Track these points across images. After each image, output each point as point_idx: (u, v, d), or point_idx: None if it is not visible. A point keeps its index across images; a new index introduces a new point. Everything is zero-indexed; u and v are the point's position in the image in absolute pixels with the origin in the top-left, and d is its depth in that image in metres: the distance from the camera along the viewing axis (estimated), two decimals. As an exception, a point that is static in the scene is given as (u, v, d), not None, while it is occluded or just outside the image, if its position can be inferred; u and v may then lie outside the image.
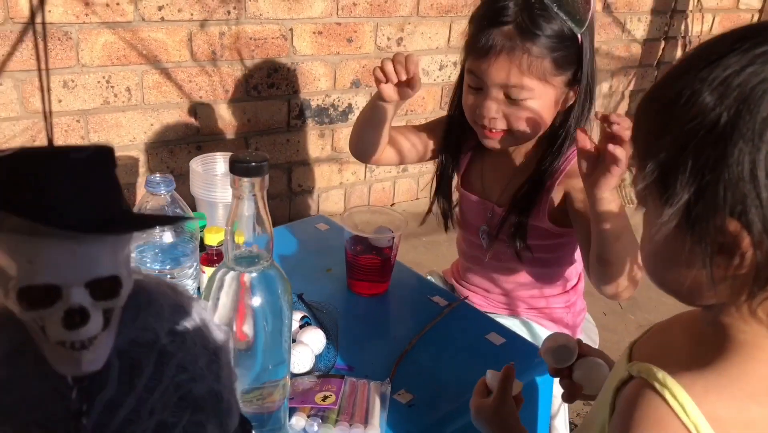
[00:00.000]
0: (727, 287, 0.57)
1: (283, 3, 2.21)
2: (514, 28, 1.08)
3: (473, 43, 1.13)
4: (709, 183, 0.54)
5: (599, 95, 3.29)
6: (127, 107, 2.08)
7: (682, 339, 0.65)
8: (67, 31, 1.90)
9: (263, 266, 0.77)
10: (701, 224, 0.55)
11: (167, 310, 0.50)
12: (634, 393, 0.58)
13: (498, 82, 1.11)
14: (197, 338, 0.51)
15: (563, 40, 1.10)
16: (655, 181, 0.58)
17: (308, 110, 2.43)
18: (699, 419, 0.54)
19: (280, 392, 0.82)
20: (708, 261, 0.56)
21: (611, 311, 2.35)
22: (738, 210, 0.53)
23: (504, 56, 1.09)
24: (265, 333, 0.77)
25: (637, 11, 3.19)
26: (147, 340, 0.48)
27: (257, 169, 0.72)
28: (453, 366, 1.05)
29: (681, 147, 0.55)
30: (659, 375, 0.57)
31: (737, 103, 0.52)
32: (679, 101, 0.56)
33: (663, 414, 0.55)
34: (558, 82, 1.13)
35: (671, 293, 0.63)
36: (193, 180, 1.58)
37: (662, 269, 0.63)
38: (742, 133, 0.52)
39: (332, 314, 1.10)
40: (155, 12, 2.02)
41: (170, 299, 0.52)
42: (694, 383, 0.56)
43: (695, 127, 0.54)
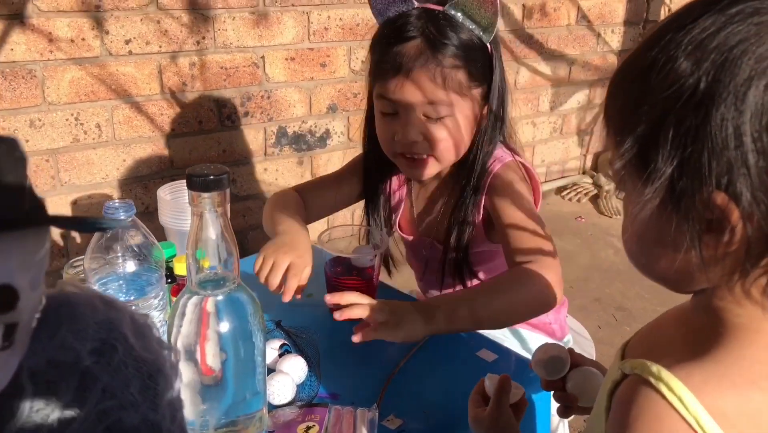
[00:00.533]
0: (717, 267, 0.53)
1: (253, 30, 2.19)
2: (423, 41, 1.04)
3: (380, 67, 1.08)
4: (691, 154, 0.50)
5: (577, 107, 3.28)
6: (98, 144, 2.03)
7: (675, 332, 0.61)
8: (32, 69, 1.86)
9: (229, 288, 0.71)
10: (686, 200, 0.51)
11: (93, 326, 0.45)
12: (629, 391, 0.54)
13: (414, 101, 1.06)
14: (129, 359, 0.45)
15: (474, 50, 1.06)
16: (635, 157, 0.54)
17: (285, 138, 2.39)
18: (699, 411, 0.50)
19: (257, 425, 0.76)
20: (696, 240, 0.52)
21: (606, 324, 2.30)
22: (724, 181, 0.49)
23: (417, 72, 1.04)
24: (235, 361, 0.71)
25: (610, 23, 3.20)
26: (66, 360, 0.42)
27: (217, 183, 0.67)
28: (444, 387, 0.99)
29: (660, 118, 0.51)
30: (653, 369, 0.53)
31: (715, 67, 0.49)
32: (654, 69, 0.52)
33: (660, 409, 0.51)
34: (475, 96, 1.09)
35: (659, 280, 0.59)
36: (162, 209, 1.53)
37: (648, 255, 0.58)
38: (722, 97, 0.48)
39: (312, 340, 1.04)
40: (122, 46, 1.98)
41: (99, 314, 0.46)
42: (691, 374, 0.52)
43: (673, 96, 0.50)
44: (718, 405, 0.51)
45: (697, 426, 0.50)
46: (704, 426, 0.50)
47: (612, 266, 2.65)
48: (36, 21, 1.83)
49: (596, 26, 3.15)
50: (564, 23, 3.02)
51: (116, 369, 0.44)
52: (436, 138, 1.09)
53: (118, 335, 0.46)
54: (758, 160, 0.48)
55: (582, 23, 3.09)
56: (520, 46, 2.92)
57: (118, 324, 0.46)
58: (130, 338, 0.46)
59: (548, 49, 3.02)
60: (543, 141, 3.24)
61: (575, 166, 3.48)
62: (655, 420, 0.52)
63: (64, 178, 2.00)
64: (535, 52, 2.99)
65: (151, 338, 0.48)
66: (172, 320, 0.71)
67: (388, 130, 1.12)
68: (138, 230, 0.87)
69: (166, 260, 1.03)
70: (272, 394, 0.91)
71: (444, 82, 1.05)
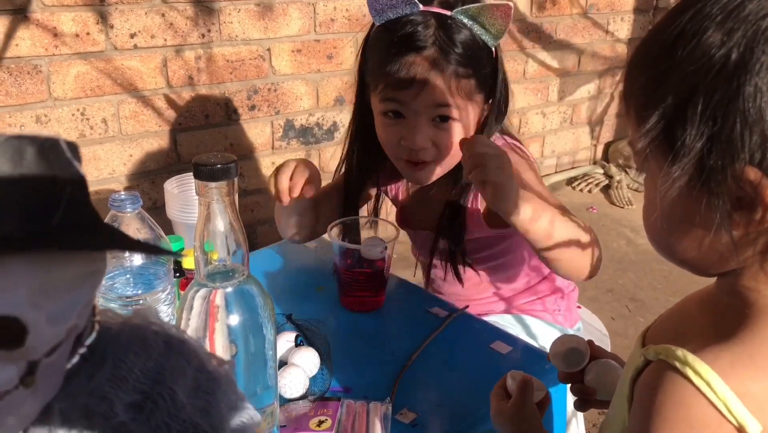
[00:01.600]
0: (749, 246, 0.51)
1: (258, 23, 2.17)
2: (437, 51, 1.02)
3: (385, 74, 1.04)
4: (722, 128, 0.48)
5: (587, 97, 3.25)
6: (105, 139, 2.02)
7: (699, 316, 0.59)
8: (37, 65, 1.85)
9: (239, 280, 0.69)
10: (717, 176, 0.49)
11: (136, 375, 0.38)
12: (654, 376, 0.52)
13: (426, 108, 1.05)
14: (174, 421, 0.38)
15: (482, 55, 1.05)
16: (660, 135, 0.52)
17: (292, 131, 2.37)
18: (728, 396, 0.48)
19: (268, 420, 0.74)
20: (727, 218, 0.50)
21: (619, 315, 2.28)
22: (758, 156, 0.47)
23: (432, 82, 1.03)
24: (246, 354, 0.70)
25: (620, 11, 3.16)
26: (100, 411, 0.37)
27: (224, 172, 0.65)
28: (457, 380, 0.97)
29: (688, 92, 0.49)
30: (679, 353, 0.51)
31: (747, 37, 0.47)
32: (681, 42, 0.50)
33: (687, 394, 0.49)
34: (479, 99, 1.09)
35: (683, 263, 0.57)
36: (169, 202, 1.51)
37: (675, 237, 0.56)
38: (756, 68, 0.46)
39: (322, 332, 1.02)
40: (127, 40, 1.96)
41: (151, 359, 0.39)
42: (718, 358, 0.50)
43: (702, 69, 0.48)
44: (747, 388, 0.49)
45: (726, 411, 0.49)
46: (733, 410, 0.48)
47: (624, 256, 2.62)
48: (40, 16, 1.81)
49: (605, 15, 3.11)
50: (572, 12, 2.99)
51: (155, 430, 0.38)
52: (444, 143, 1.08)
53: (164, 390, 0.39)
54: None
55: (591, 12, 3.05)
56: (528, 36, 2.89)
57: (172, 375, 0.40)
58: (181, 395, 0.39)
59: (557, 38, 2.99)
60: (553, 131, 3.21)
61: (586, 156, 3.44)
62: (683, 406, 0.50)
63: (71, 174, 1.99)
64: (544, 42, 2.95)
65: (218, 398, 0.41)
66: (180, 313, 0.70)
67: (393, 133, 1.10)
68: (145, 222, 0.85)
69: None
70: (284, 387, 0.89)
71: (457, 89, 1.04)
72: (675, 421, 0.50)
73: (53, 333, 0.34)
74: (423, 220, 1.25)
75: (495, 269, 1.25)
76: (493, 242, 1.21)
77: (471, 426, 0.88)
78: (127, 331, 0.40)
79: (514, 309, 1.30)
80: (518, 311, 1.30)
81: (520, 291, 1.29)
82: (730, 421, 0.49)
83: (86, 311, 0.38)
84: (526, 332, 1.26)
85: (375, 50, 1.10)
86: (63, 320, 0.34)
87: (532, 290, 1.29)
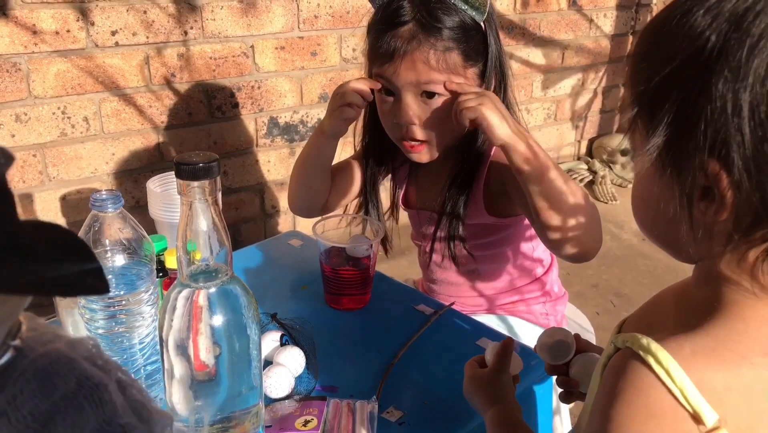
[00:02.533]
0: (711, 238, 0.52)
1: (241, 20, 2.15)
2: (415, 25, 1.04)
3: (376, 50, 1.09)
4: (689, 118, 0.49)
5: (571, 93, 3.26)
6: (86, 138, 1.99)
7: (672, 306, 0.61)
8: (16, 62, 1.82)
9: (222, 280, 0.69)
10: (680, 164, 0.51)
11: (27, 413, 0.36)
12: (619, 363, 0.54)
13: (409, 84, 1.07)
14: None
15: (467, 30, 1.06)
16: (642, 108, 0.54)
17: (276, 128, 2.36)
18: (685, 384, 0.50)
19: (253, 420, 0.73)
20: (687, 205, 0.51)
21: (604, 310, 2.29)
22: (719, 148, 0.48)
23: (410, 56, 1.05)
24: (230, 355, 0.69)
25: (603, 7, 3.17)
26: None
27: (206, 171, 0.64)
28: (444, 377, 0.97)
29: (669, 73, 0.51)
30: (643, 342, 0.52)
31: (727, 26, 0.48)
32: (671, 21, 0.51)
33: (647, 381, 0.51)
34: (471, 75, 1.09)
35: (661, 244, 0.59)
36: (152, 201, 1.49)
37: (651, 217, 0.58)
38: (728, 61, 0.47)
39: (307, 331, 1.02)
40: (109, 37, 1.94)
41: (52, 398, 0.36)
42: (681, 347, 0.51)
43: (684, 51, 0.50)
44: (707, 379, 0.50)
45: (683, 398, 0.50)
46: (690, 399, 0.50)
47: (609, 251, 2.63)
48: (19, 13, 1.79)
49: (588, 10, 3.12)
50: (556, 8, 2.99)
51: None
52: (432, 119, 1.09)
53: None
54: (754, 130, 0.47)
55: (574, 8, 3.06)
56: (512, 32, 2.89)
57: (64, 421, 0.37)
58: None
59: (541, 34, 2.99)
60: (537, 127, 3.22)
61: (570, 152, 3.45)
62: (642, 392, 0.51)
63: (52, 173, 1.97)
64: (528, 38, 2.96)
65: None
66: (163, 314, 0.69)
67: (387, 112, 1.13)
68: (127, 222, 0.84)
69: (157, 253, 1.01)
70: (269, 387, 0.89)
71: (438, 64, 1.05)
72: (634, 406, 0.52)
73: None
74: (427, 199, 1.26)
75: (488, 259, 1.25)
76: (490, 231, 1.21)
77: (458, 424, 0.88)
78: (38, 364, 0.37)
79: (498, 308, 1.30)
80: (503, 311, 1.30)
81: (506, 290, 1.30)
82: (686, 408, 0.50)
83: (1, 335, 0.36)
84: (510, 332, 1.26)
85: (369, 31, 1.12)
86: None
87: (518, 291, 1.30)
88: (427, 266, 1.32)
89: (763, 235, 0.50)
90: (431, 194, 1.24)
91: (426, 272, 1.35)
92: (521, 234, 1.25)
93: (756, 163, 0.48)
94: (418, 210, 1.29)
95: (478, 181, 1.15)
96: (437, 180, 1.22)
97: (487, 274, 1.28)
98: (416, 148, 1.12)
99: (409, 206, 1.32)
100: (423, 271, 1.38)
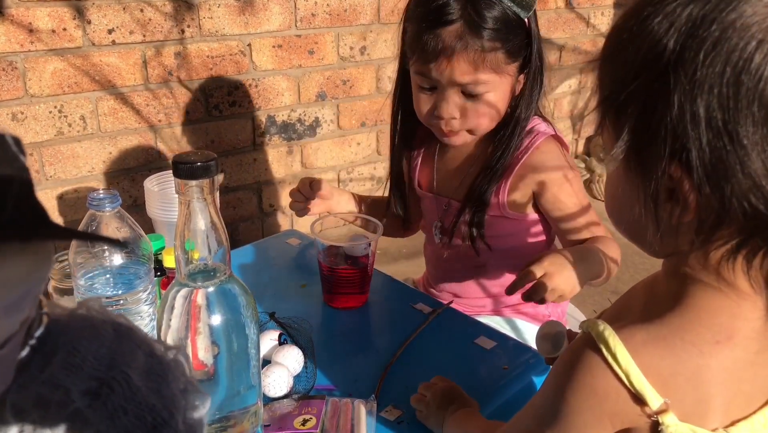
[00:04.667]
0: (674, 236, 0.55)
1: (238, 18, 2.14)
2: (464, 24, 1.04)
3: (418, 46, 1.08)
4: (650, 123, 0.51)
5: (568, 92, 3.26)
6: (83, 136, 1.99)
7: (641, 297, 0.64)
8: (12, 61, 1.81)
9: (220, 279, 0.68)
10: (645, 166, 0.53)
11: (90, 361, 0.39)
12: (576, 345, 0.59)
13: (454, 81, 1.07)
14: (130, 404, 0.39)
15: (512, 28, 1.06)
16: (608, 112, 0.55)
17: (273, 127, 2.35)
18: (630, 368, 0.53)
19: (252, 420, 0.73)
20: (652, 205, 0.53)
21: (602, 308, 2.28)
22: (679, 152, 0.50)
23: (458, 55, 1.05)
24: (228, 354, 0.69)
25: (600, 5, 3.17)
26: (55, 399, 0.37)
27: (204, 170, 0.64)
28: (443, 375, 0.96)
29: (629, 80, 0.52)
30: (600, 327, 0.56)
31: (684, 33, 0.49)
32: (632, 27, 0.52)
33: (595, 362, 0.55)
34: (512, 71, 1.10)
35: (630, 239, 0.61)
36: (149, 200, 1.49)
37: (620, 214, 0.60)
38: (684, 69, 0.48)
39: (305, 330, 1.02)
40: (105, 36, 1.94)
41: (103, 347, 0.40)
42: (633, 335, 0.55)
43: (642, 58, 0.51)
44: (654, 364, 0.54)
45: (627, 381, 0.53)
46: (634, 382, 0.53)
47: (606, 250, 2.63)
48: (15, 11, 1.78)
49: (586, 9, 3.12)
50: (553, 6, 2.99)
51: (112, 415, 0.38)
52: (473, 113, 1.10)
53: (119, 374, 0.39)
54: (711, 136, 0.48)
55: (571, 6, 3.06)
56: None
57: (124, 360, 0.40)
58: (135, 379, 0.40)
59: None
60: (534, 126, 3.21)
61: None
62: (589, 372, 0.55)
63: (49, 172, 1.96)
64: (525, 36, 2.95)
65: (170, 381, 0.42)
66: (161, 313, 0.69)
67: (426, 103, 1.13)
68: (124, 221, 0.84)
69: (155, 253, 1.00)
70: (268, 386, 0.89)
71: (483, 64, 1.05)
72: (580, 383, 0.56)
73: (7, 325, 0.35)
74: (446, 185, 1.25)
75: (499, 254, 1.24)
76: (507, 225, 1.20)
77: (456, 422, 0.88)
78: (76, 321, 0.41)
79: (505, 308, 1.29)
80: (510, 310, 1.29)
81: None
82: (630, 390, 0.54)
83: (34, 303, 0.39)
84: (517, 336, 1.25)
85: (411, 22, 1.12)
86: (17, 311, 0.35)
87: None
88: (436, 256, 1.31)
89: (726, 235, 0.52)
90: (450, 179, 1.23)
91: (432, 264, 1.34)
92: (530, 230, 1.25)
93: (714, 168, 0.49)
94: (436, 195, 1.27)
95: (507, 175, 1.15)
96: (456, 165, 1.21)
97: (494, 270, 1.26)
98: (453, 134, 1.13)
99: (427, 190, 1.30)
100: (428, 264, 1.36)
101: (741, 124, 0.47)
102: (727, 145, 0.48)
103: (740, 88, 0.47)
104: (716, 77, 0.47)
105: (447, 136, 1.14)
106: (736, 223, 0.51)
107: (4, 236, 0.32)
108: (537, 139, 1.15)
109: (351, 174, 2.62)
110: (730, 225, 0.51)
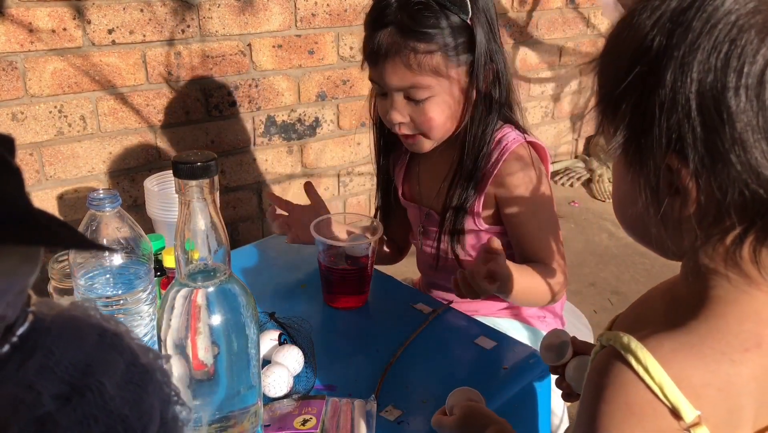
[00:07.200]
0: (680, 231, 0.54)
1: (238, 18, 2.14)
2: (395, 28, 1.04)
3: (365, 51, 1.10)
4: (645, 116, 0.51)
5: (568, 92, 3.26)
6: (83, 136, 1.99)
7: (659, 304, 0.62)
8: (12, 61, 1.81)
9: (220, 279, 0.68)
10: (643, 160, 0.52)
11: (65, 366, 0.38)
12: (602, 361, 0.55)
13: (394, 86, 1.08)
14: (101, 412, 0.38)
15: (453, 30, 1.05)
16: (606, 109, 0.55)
17: (274, 127, 2.35)
18: (664, 380, 0.51)
19: (252, 420, 0.73)
20: (653, 200, 0.53)
21: (601, 308, 2.29)
22: (675, 144, 0.50)
23: (392, 59, 1.05)
24: (228, 354, 0.69)
25: (600, 5, 3.17)
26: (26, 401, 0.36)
27: (204, 170, 0.64)
28: (442, 376, 0.97)
29: (623, 75, 0.52)
30: (624, 340, 0.53)
31: (670, 25, 0.49)
32: (626, 25, 0.53)
33: (627, 379, 0.52)
34: (458, 73, 1.08)
35: (642, 242, 0.60)
36: (149, 200, 1.49)
37: (629, 216, 0.59)
38: (673, 58, 0.49)
39: (305, 330, 1.02)
40: (105, 36, 1.94)
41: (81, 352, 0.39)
42: (661, 345, 0.52)
43: (633, 53, 0.51)
44: (686, 375, 0.51)
45: (662, 395, 0.51)
46: (669, 395, 0.51)
47: (606, 250, 2.64)
48: (15, 11, 1.78)
49: (586, 9, 3.12)
50: (554, 6, 2.99)
51: (82, 421, 0.37)
52: (420, 119, 1.10)
53: (93, 381, 0.39)
54: (704, 123, 0.48)
55: (571, 6, 3.06)
56: (509, 31, 2.89)
57: (101, 367, 0.39)
58: (109, 387, 0.39)
59: (539, 32, 2.99)
60: (534, 126, 3.22)
61: (567, 150, 3.46)
62: (621, 389, 0.52)
63: (49, 172, 1.96)
64: (526, 36, 2.96)
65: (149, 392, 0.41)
66: (161, 313, 0.69)
67: (382, 108, 1.14)
68: (125, 221, 0.84)
69: (155, 253, 1.00)
70: (268, 386, 0.89)
71: (419, 67, 1.05)
72: (615, 403, 0.53)
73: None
74: (427, 195, 1.25)
75: None
76: (485, 238, 1.20)
77: (456, 422, 0.88)
78: (60, 322, 0.40)
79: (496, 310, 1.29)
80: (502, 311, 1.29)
81: None
82: (665, 404, 0.51)
83: (18, 301, 0.38)
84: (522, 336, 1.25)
85: (364, 28, 1.13)
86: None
87: None
88: (426, 265, 1.31)
89: (731, 224, 0.51)
90: (431, 188, 1.23)
91: (423, 272, 1.34)
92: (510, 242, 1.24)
93: (710, 156, 0.49)
94: (418, 204, 1.27)
95: (482, 186, 1.14)
96: (436, 174, 1.21)
97: None
98: (411, 139, 1.14)
99: (409, 200, 1.30)
100: (422, 273, 1.37)
101: (731, 106, 0.47)
102: (719, 129, 0.48)
103: (728, 72, 0.47)
104: (703, 63, 0.48)
105: (408, 141, 1.15)
106: (738, 211, 0.50)
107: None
108: (504, 153, 1.13)
109: (351, 174, 2.62)
110: (733, 214, 0.50)
